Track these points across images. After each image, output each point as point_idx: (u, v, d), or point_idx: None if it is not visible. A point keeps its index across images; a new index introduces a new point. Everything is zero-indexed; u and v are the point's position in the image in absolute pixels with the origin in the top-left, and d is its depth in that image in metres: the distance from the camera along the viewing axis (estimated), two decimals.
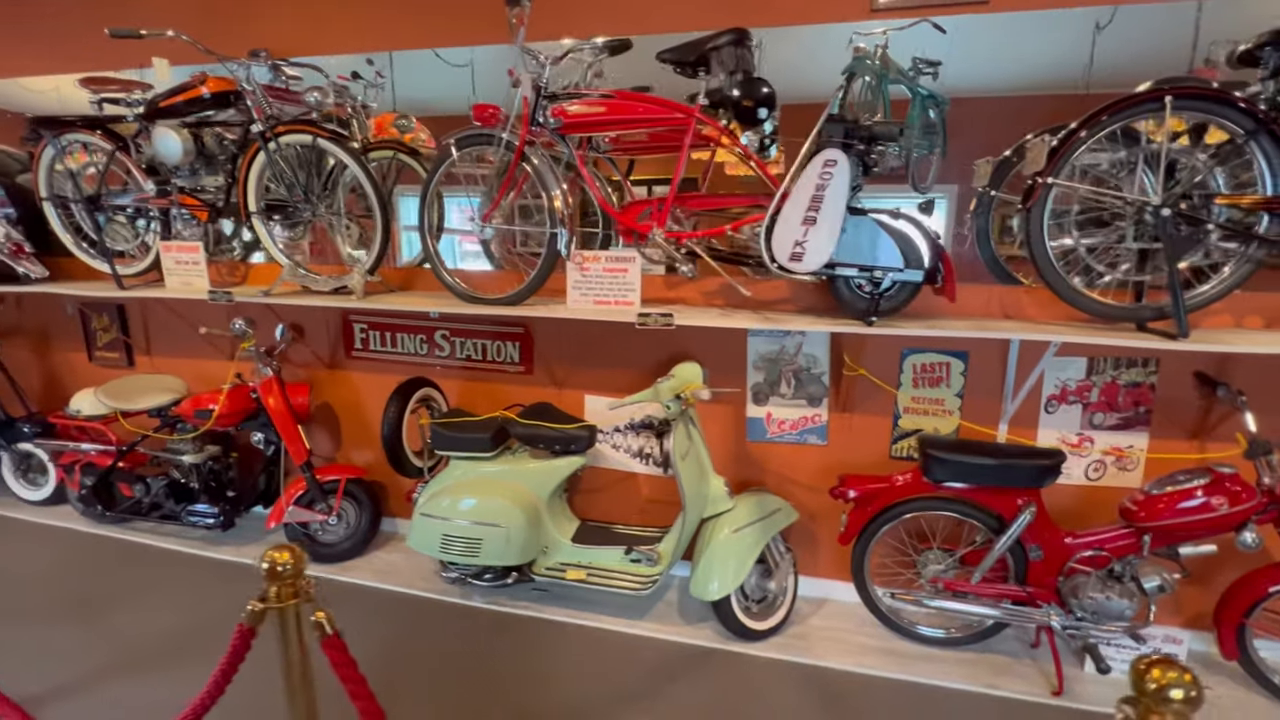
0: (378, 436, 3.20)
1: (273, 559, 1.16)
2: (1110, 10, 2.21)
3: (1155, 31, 2.19)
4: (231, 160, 2.73)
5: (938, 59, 2.42)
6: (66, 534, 3.23)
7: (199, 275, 2.87)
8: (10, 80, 3.53)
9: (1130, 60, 2.23)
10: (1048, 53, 2.31)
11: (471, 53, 2.92)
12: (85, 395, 3.19)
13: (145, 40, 2.98)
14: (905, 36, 2.35)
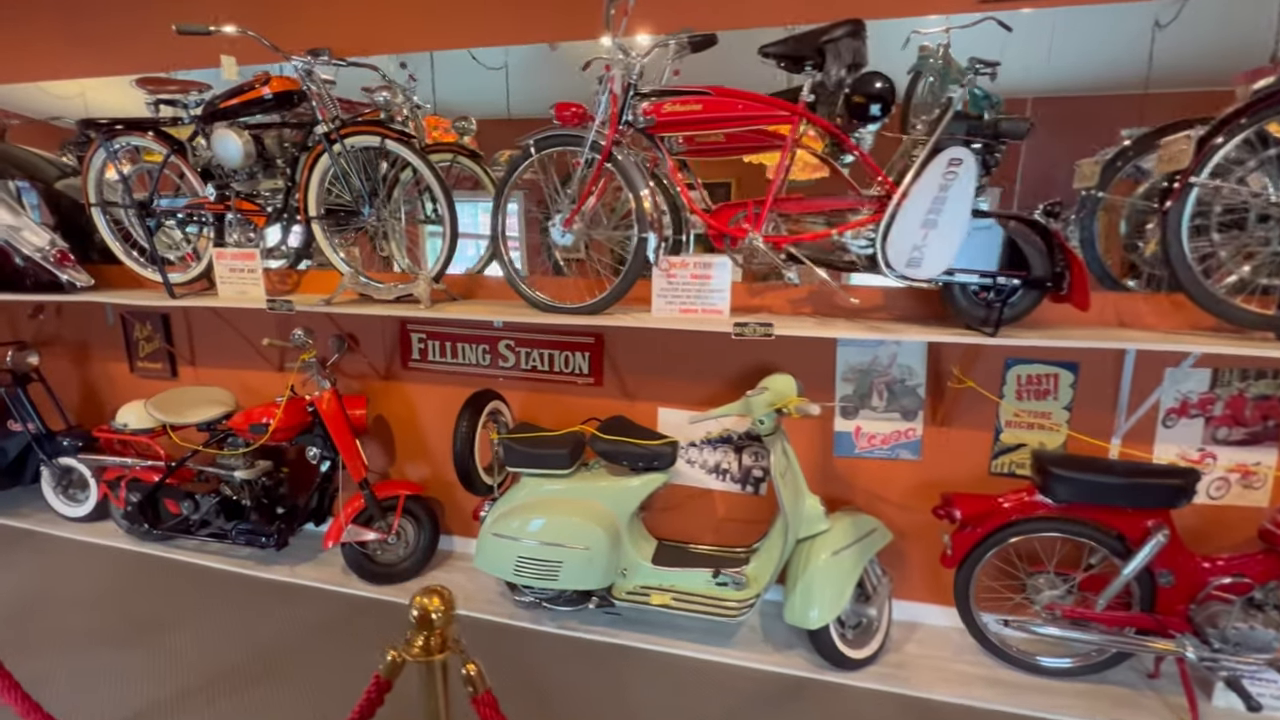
0: (435, 450, 3.09)
1: (424, 605, 1.02)
2: (1176, 6, 2.07)
3: (1222, 26, 2.06)
4: (292, 164, 2.61)
5: (995, 59, 2.30)
6: (111, 552, 3.10)
7: (254, 284, 2.75)
8: (34, 85, 3.43)
9: (1193, 57, 2.09)
10: (1102, 51, 2.18)
11: (506, 54, 2.81)
12: (133, 408, 3.07)
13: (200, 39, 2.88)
14: (964, 35, 2.23)
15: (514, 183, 2.39)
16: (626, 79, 2.12)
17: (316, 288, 3.08)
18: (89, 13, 3.16)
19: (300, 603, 2.72)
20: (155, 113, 2.64)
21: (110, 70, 3.17)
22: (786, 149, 2.08)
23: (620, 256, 2.58)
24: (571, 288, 2.62)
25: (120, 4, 3.10)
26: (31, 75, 3.32)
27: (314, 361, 2.70)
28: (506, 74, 2.90)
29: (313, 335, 2.71)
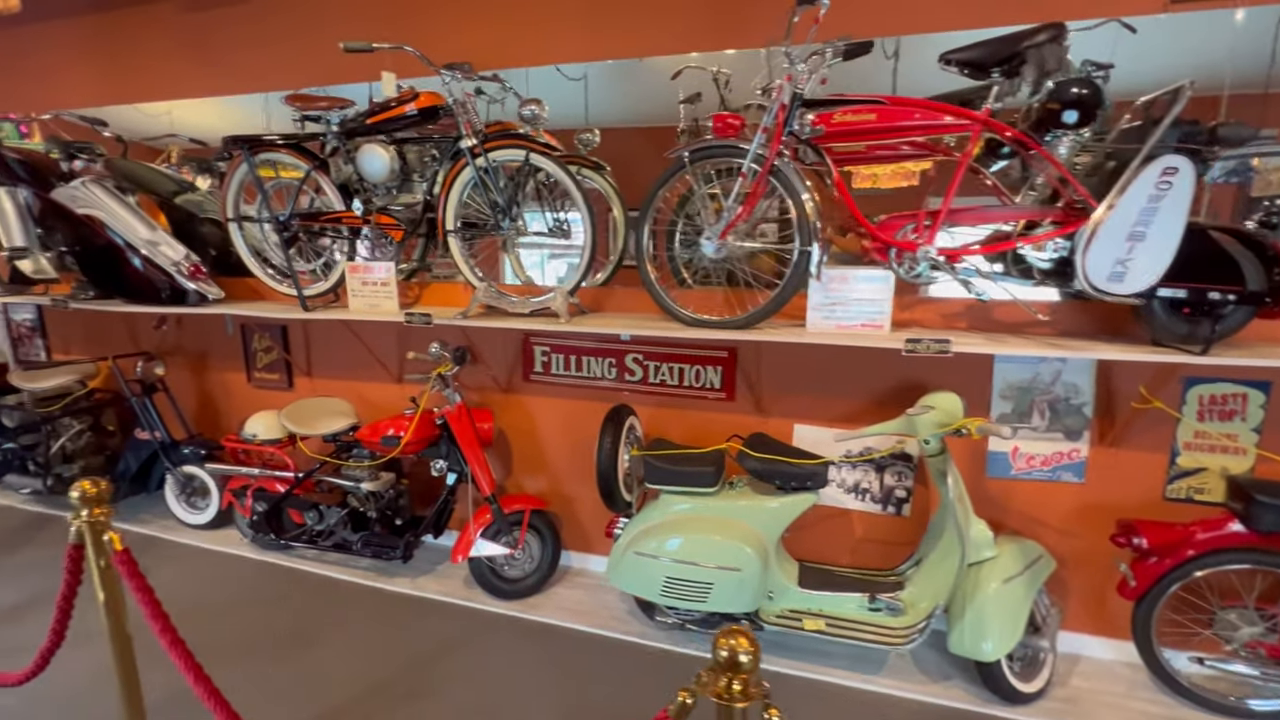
0: (554, 464, 3.06)
1: (732, 647, 0.96)
2: None
3: None
4: (431, 178, 2.62)
5: (1109, 62, 2.17)
6: (235, 560, 3.14)
7: (388, 297, 2.77)
8: (129, 106, 3.54)
9: None
10: (1216, 52, 2.03)
11: (586, 67, 2.79)
12: (261, 419, 3.12)
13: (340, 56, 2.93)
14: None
15: (662, 195, 2.36)
16: (796, 88, 2.06)
17: (437, 300, 3.09)
18: (217, 34, 3.25)
19: (430, 617, 2.71)
20: (301, 129, 2.69)
21: (236, 89, 3.25)
22: (965, 159, 2.00)
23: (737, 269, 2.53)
24: (701, 301, 2.56)
25: (246, 24, 3.18)
26: (159, 95, 3.43)
27: (448, 375, 2.70)
28: (586, 85, 2.88)
29: (448, 349, 2.71)
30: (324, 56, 3.02)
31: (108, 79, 3.54)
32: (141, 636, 1.81)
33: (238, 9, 3.16)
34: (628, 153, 2.79)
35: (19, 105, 3.70)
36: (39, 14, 3.62)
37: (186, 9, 3.24)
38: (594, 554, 3.09)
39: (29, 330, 4.13)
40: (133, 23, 3.40)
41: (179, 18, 3.28)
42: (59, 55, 3.63)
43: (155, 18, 3.33)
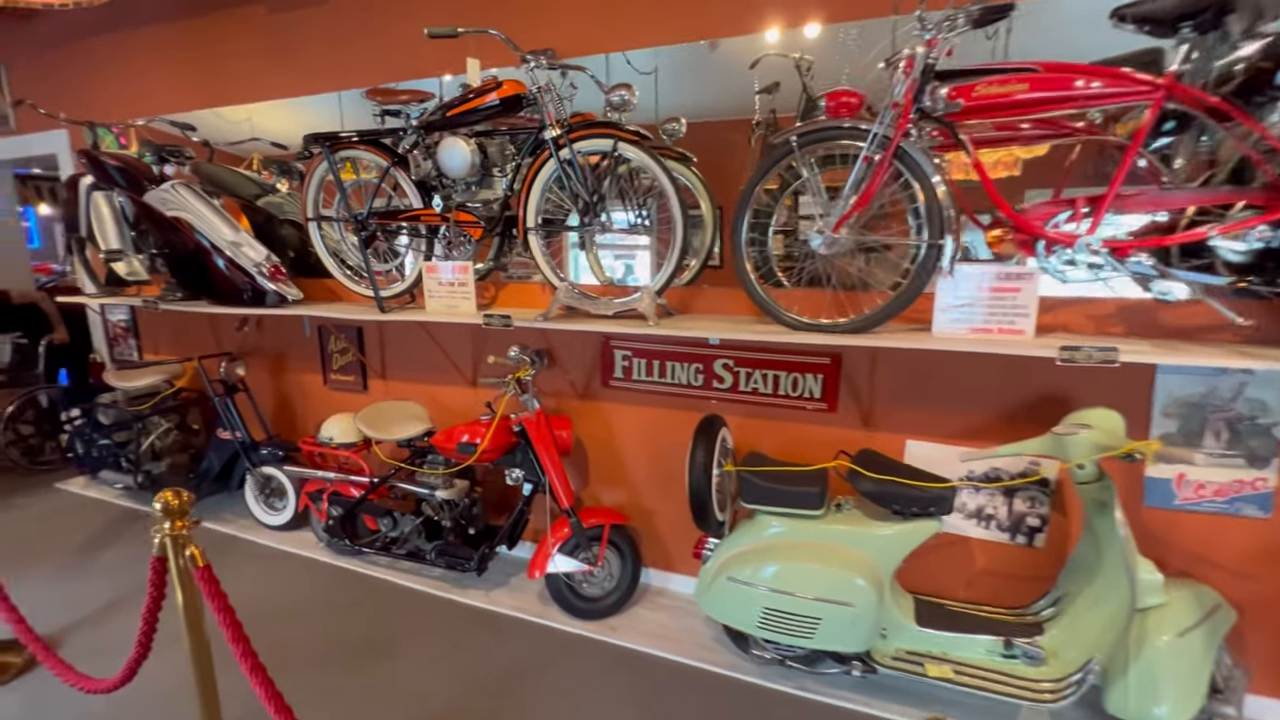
0: (633, 475, 2.87)
1: None
2: None
3: None
4: (514, 172, 2.49)
5: None
6: (310, 564, 3.11)
7: (466, 298, 2.65)
8: (213, 111, 3.57)
9: None
10: None
11: (656, 56, 2.57)
12: (337, 422, 3.07)
13: (421, 50, 2.84)
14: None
15: (762, 185, 2.13)
16: (929, 58, 1.80)
17: (512, 302, 2.97)
18: (300, 33, 3.24)
19: (506, 634, 2.57)
20: (381, 124, 2.61)
21: (318, 88, 3.22)
22: (1141, 133, 1.68)
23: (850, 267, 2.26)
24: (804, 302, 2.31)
25: (328, 22, 3.15)
26: (246, 98, 3.45)
27: (527, 380, 2.56)
28: (656, 78, 2.68)
29: (527, 352, 2.57)
30: (403, 51, 2.94)
31: (198, 83, 3.61)
32: (221, 645, 1.73)
33: (320, 8, 3.14)
34: (697, 147, 2.58)
35: (117, 112, 3.83)
36: (134, 21, 3.72)
37: (274, 10, 3.24)
38: (675, 573, 2.89)
39: (123, 330, 4.29)
40: (222, 26, 3.44)
41: (267, 19, 3.28)
42: (152, 61, 3.72)
43: (244, 19, 3.35)
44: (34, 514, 3.71)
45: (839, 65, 2.34)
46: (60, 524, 3.56)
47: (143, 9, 3.66)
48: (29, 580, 2.96)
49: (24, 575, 3.00)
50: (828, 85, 2.38)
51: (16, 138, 4.33)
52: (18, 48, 4.19)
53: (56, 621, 2.64)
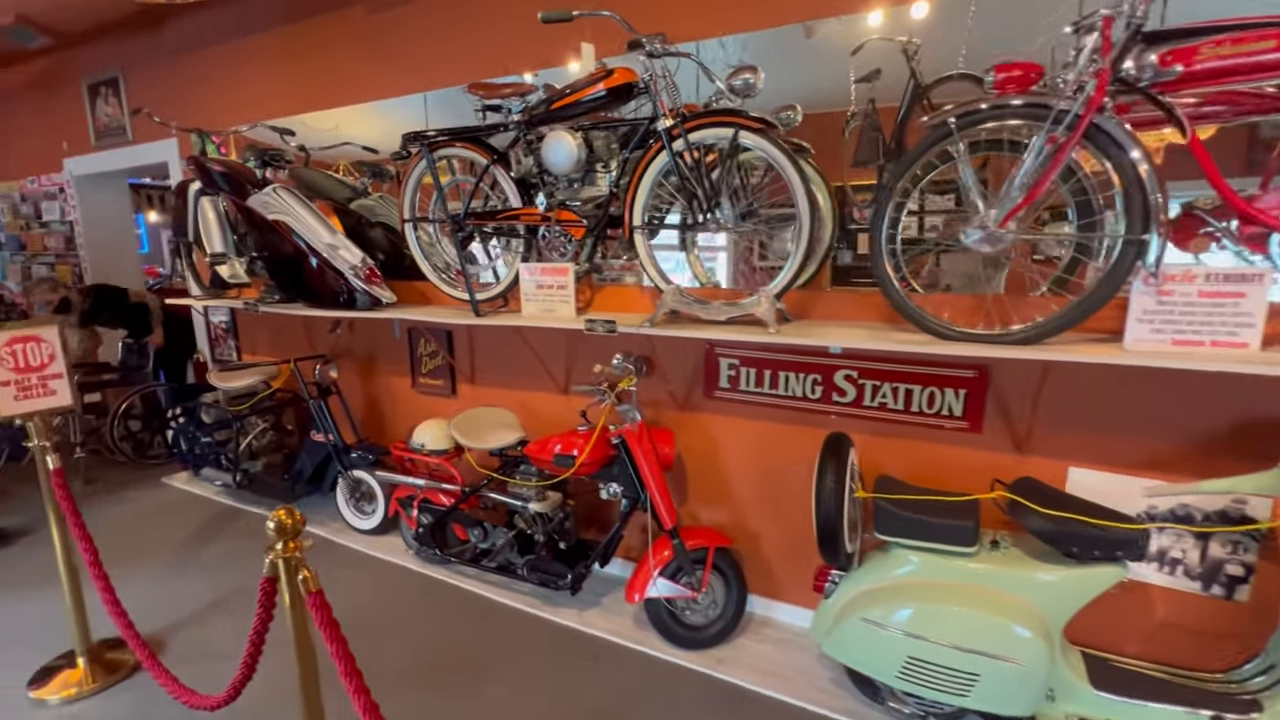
0: (737, 494, 2.66)
1: None
2: None
3: None
4: (620, 167, 2.33)
5: None
6: (400, 572, 3.05)
7: (564, 301, 2.51)
8: (298, 118, 3.59)
9: None
10: None
11: (744, 44, 2.32)
12: (428, 428, 3.01)
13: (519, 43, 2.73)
14: None
15: (913, 173, 1.88)
16: (1134, 18, 1.51)
17: (608, 305, 2.81)
18: (398, 33, 3.20)
19: (603, 659, 2.40)
20: (483, 120, 2.51)
21: (416, 87, 3.18)
22: None
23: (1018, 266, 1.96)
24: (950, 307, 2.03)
25: (426, 20, 3.09)
26: (344, 100, 3.46)
27: (631, 390, 2.39)
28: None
29: (630, 360, 2.40)
30: (502, 45, 2.85)
31: (297, 88, 3.65)
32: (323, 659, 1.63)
33: (417, 5, 3.09)
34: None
35: (222, 119, 3.94)
36: (240, 31, 3.81)
37: (373, 10, 3.23)
38: (781, 602, 2.65)
39: (223, 331, 4.43)
40: (322, 30, 3.46)
41: (365, 21, 3.27)
42: (256, 69, 3.81)
43: (344, 21, 3.36)
44: (142, 508, 3.85)
45: (951, 47, 2.07)
46: (165, 519, 3.67)
47: (248, 18, 3.74)
48: (136, 577, 3.03)
49: (132, 572, 3.07)
50: (937, 70, 2.13)
51: (132, 147, 4.55)
52: (134, 60, 4.40)
53: (160, 621, 2.67)
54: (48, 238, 5.46)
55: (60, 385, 2.20)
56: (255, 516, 3.67)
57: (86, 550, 2.13)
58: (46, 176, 5.27)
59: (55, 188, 5.26)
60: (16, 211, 5.64)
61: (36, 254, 5.64)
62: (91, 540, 2.16)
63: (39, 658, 2.41)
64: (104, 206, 5.28)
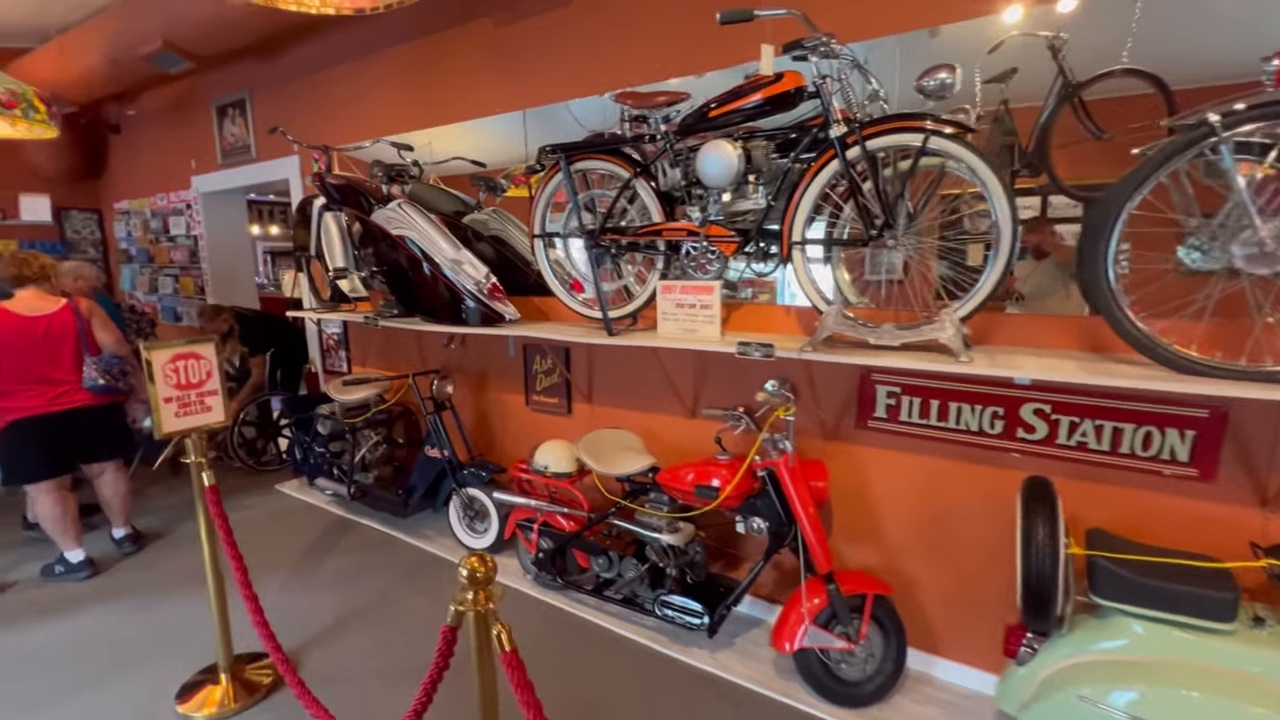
0: (891, 536, 2.41)
1: None
2: None
3: None
4: (778, 178, 2.16)
5: None
6: (518, 598, 2.95)
7: (709, 321, 2.35)
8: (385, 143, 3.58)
9: None
10: None
11: (866, 49, 2.06)
12: (553, 449, 2.91)
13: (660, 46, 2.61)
14: None
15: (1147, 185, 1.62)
16: None
17: (746, 325, 2.64)
18: (519, 45, 3.16)
19: (746, 712, 2.21)
20: (629, 131, 2.40)
21: (538, 99, 3.12)
22: None
23: None
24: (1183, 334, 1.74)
25: (550, 33, 3.03)
26: (468, 114, 3.45)
27: (788, 420, 2.19)
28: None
29: (785, 386, 2.21)
30: (639, 53, 2.74)
31: (418, 103, 3.68)
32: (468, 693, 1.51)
33: (547, 16, 3.03)
34: None
35: (344, 136, 4.03)
36: (365, 49, 3.89)
37: (501, 23, 3.20)
38: (941, 658, 2.38)
39: (335, 343, 4.52)
40: (447, 44, 3.47)
41: (493, 34, 3.25)
42: (380, 86, 3.87)
43: (470, 35, 3.35)
44: (259, 515, 3.94)
45: (1105, 41, 1.82)
46: (282, 529, 3.74)
47: (370, 37, 3.81)
48: (261, 590, 3.04)
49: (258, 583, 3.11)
50: (1090, 68, 1.86)
51: (255, 165, 4.75)
52: (259, 82, 4.59)
53: (291, 639, 2.66)
54: (174, 251, 5.80)
55: (215, 402, 2.21)
56: (367, 530, 3.69)
57: (238, 569, 2.12)
58: (175, 194, 5.59)
59: (182, 204, 5.57)
60: (146, 227, 6.02)
61: (163, 266, 5.99)
62: (242, 559, 2.15)
63: (181, 666, 2.44)
64: (224, 221, 5.55)
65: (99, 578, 3.20)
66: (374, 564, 3.29)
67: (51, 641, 2.68)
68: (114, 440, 3.29)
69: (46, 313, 3.00)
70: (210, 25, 3.86)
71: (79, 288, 3.87)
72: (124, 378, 3.20)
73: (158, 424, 2.08)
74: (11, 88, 3.18)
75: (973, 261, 2.14)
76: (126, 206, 6.20)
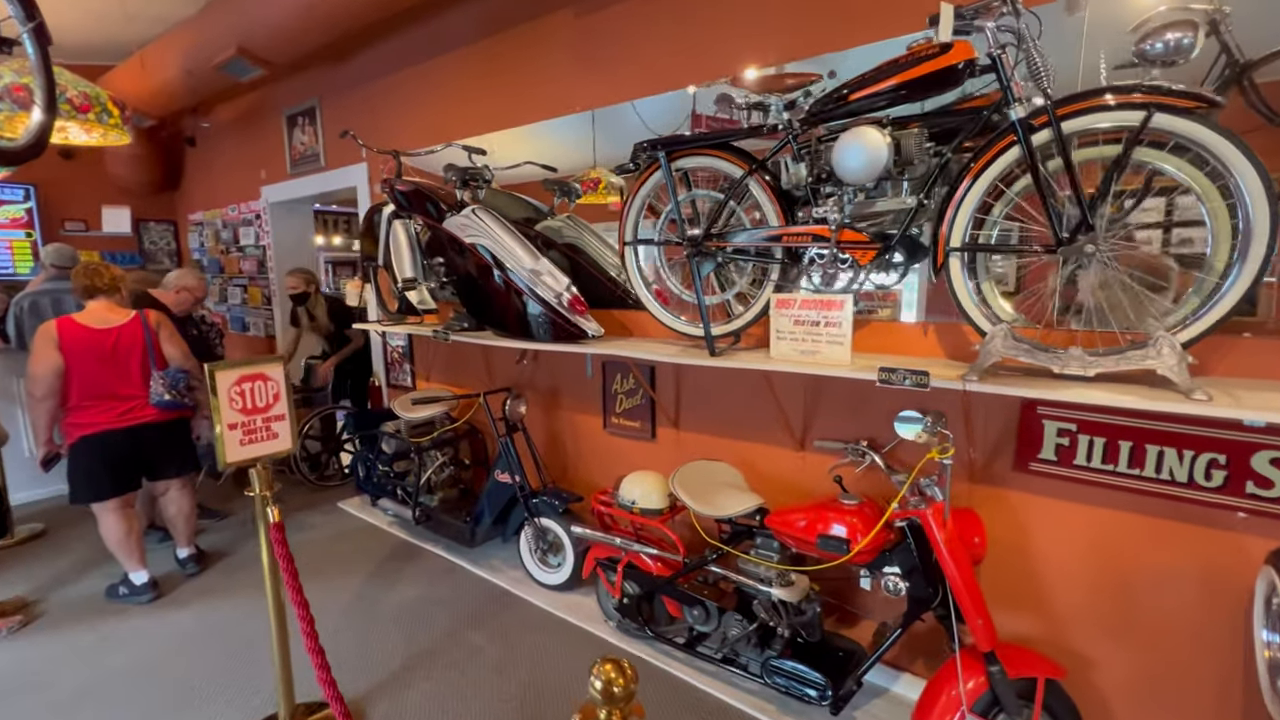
0: (1060, 605, 1.98)
1: None
2: None
3: None
4: (935, 173, 1.79)
5: None
6: (595, 645, 2.64)
7: (837, 342, 2.00)
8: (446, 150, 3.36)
9: None
10: None
11: None
12: (642, 481, 2.59)
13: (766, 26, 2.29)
14: None
15: None
16: None
17: (870, 345, 2.27)
18: (605, 35, 2.89)
19: None
20: (748, 121, 2.08)
21: (629, 94, 2.85)
22: None
23: None
24: None
25: (642, 19, 2.75)
26: (547, 112, 3.21)
27: (945, 463, 1.81)
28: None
29: (942, 422, 1.83)
30: (740, 38, 2.43)
31: (492, 104, 3.47)
32: None
33: (633, 2, 2.76)
34: None
35: (414, 141, 3.86)
36: (429, 50, 3.72)
37: (582, 13, 2.95)
38: None
39: (399, 357, 4.36)
40: (524, 41, 3.25)
41: (574, 24, 3.00)
42: (450, 88, 3.69)
43: (550, 28, 3.12)
44: (324, 537, 3.77)
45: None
46: (345, 551, 3.55)
47: (440, 36, 3.63)
48: (323, 621, 2.84)
49: (318, 610, 2.90)
50: (1262, 43, 1.45)
51: (324, 174, 4.66)
52: (329, 89, 4.50)
53: (357, 684, 2.42)
54: (243, 261, 5.81)
55: (282, 428, 2.00)
56: (431, 556, 3.46)
57: (303, 616, 1.89)
58: (246, 204, 5.60)
59: (252, 214, 5.57)
60: (218, 237, 6.08)
61: (232, 276, 6.03)
62: (308, 605, 1.92)
63: (240, 714, 2.23)
64: (291, 231, 5.52)
65: (162, 600, 3.07)
66: (439, 597, 3.05)
67: (111, 674, 2.52)
68: (179, 457, 3.16)
69: (116, 325, 2.89)
70: (282, 30, 3.76)
71: (181, 300, 3.74)
72: (190, 392, 3.07)
73: (221, 454, 1.87)
74: (85, 90, 3.13)
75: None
76: (200, 217, 6.28)
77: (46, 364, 2.71)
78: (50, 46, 2.09)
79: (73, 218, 5.96)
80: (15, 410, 4.25)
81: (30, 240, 5.68)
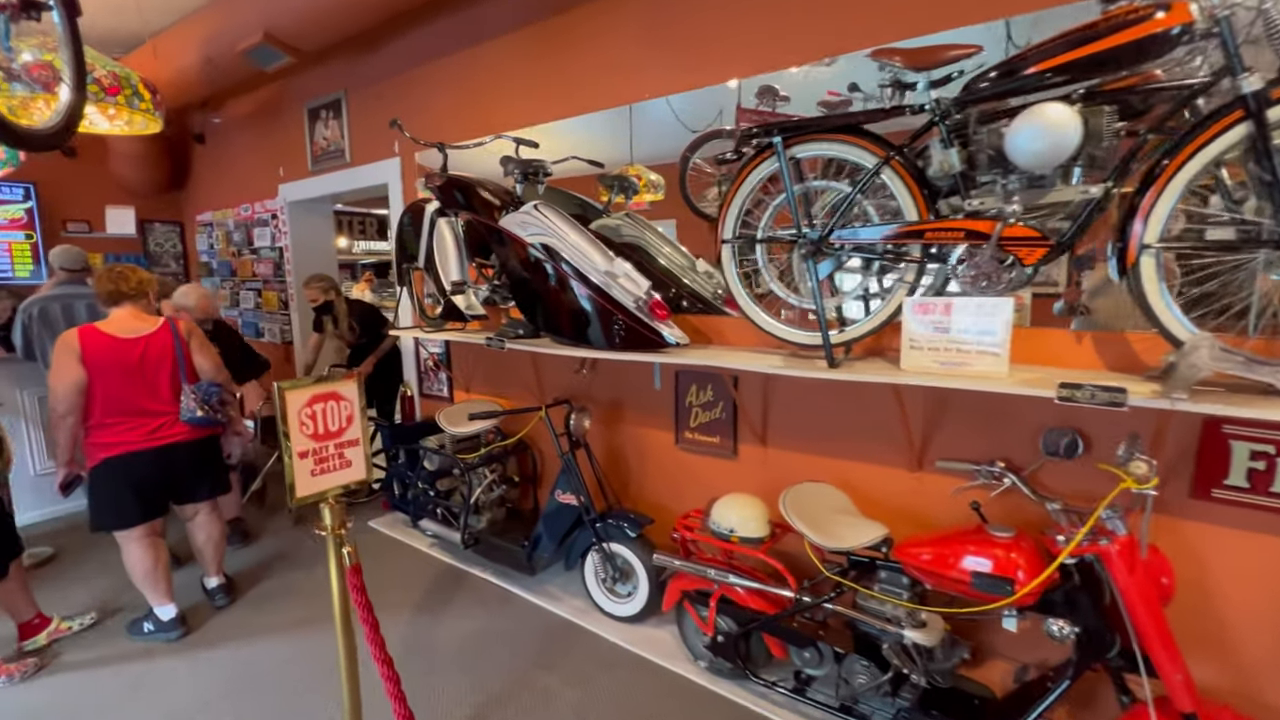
0: (1245, 649, 1.74)
1: None
2: None
3: None
4: (1128, 157, 1.55)
5: None
6: (678, 686, 2.37)
7: (994, 352, 1.75)
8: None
9: None
10: None
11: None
12: (738, 506, 2.34)
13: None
14: None
15: None
16: None
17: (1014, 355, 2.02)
18: (681, 10, 2.64)
19: None
20: (890, 99, 1.83)
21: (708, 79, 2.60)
22: None
23: None
24: None
25: None
26: (612, 100, 2.95)
27: (1147, 494, 1.56)
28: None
29: (1139, 447, 1.58)
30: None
31: (542, 94, 3.21)
32: None
33: None
34: None
35: (461, 131, 3.59)
36: (470, 37, 3.46)
37: None
38: None
39: (435, 364, 4.08)
40: (584, 23, 2.99)
41: (645, 2, 2.74)
42: (494, 76, 3.42)
43: (613, 8, 2.85)
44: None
45: None
46: (388, 579, 3.26)
47: (491, 21, 3.37)
48: None
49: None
50: None
51: (350, 170, 4.38)
52: (355, 81, 4.22)
53: None
54: (258, 264, 5.51)
55: (356, 454, 1.73)
56: (480, 583, 3.18)
57: (387, 677, 1.62)
58: (261, 203, 5.31)
59: (267, 214, 5.28)
60: (229, 238, 5.77)
61: (245, 280, 5.72)
62: (393, 663, 1.65)
63: None
64: (310, 232, 5.23)
65: (191, 638, 2.78)
66: (498, 630, 2.77)
67: None
68: (210, 478, 2.88)
69: (144, 334, 2.60)
70: (313, 13, 3.49)
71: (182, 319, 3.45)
72: (222, 408, 2.79)
73: (291, 485, 1.60)
74: (115, 70, 2.84)
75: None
76: (209, 218, 5.98)
77: (68, 378, 2.42)
78: (79, 18, 1.82)
79: (75, 218, 5.65)
80: (20, 424, 3.94)
81: (30, 242, 5.36)
